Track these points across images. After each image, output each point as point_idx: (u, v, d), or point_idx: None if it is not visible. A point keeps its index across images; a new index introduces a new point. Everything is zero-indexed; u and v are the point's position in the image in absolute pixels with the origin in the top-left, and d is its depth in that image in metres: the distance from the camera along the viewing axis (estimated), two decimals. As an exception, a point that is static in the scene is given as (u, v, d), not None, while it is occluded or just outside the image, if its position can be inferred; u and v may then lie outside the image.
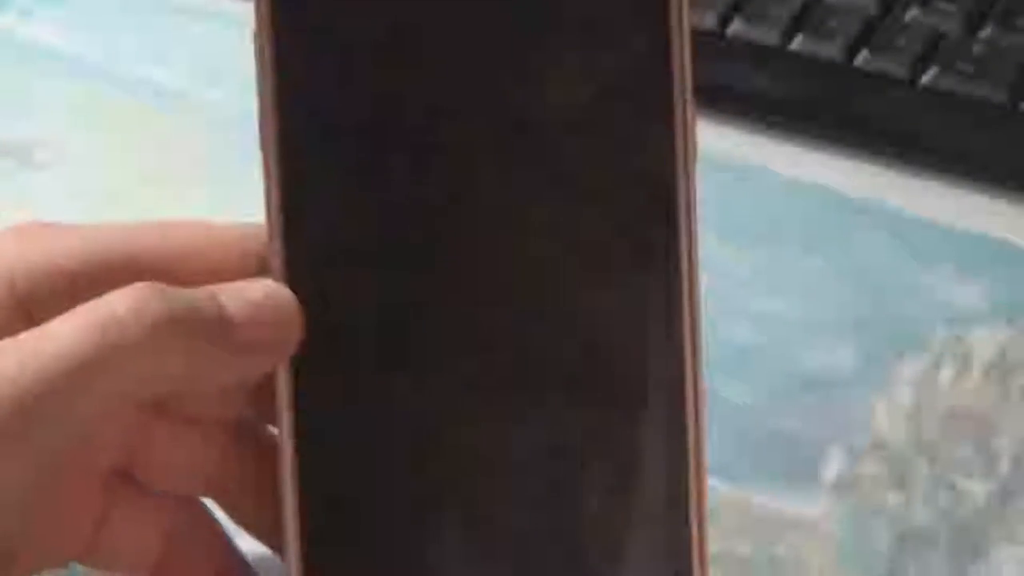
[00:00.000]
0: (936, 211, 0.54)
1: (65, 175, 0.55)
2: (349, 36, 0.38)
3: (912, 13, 0.57)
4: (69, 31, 0.61)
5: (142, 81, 0.56)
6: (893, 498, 0.47)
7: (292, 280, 0.38)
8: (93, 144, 0.56)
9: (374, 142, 0.38)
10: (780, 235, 0.54)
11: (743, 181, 0.55)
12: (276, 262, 0.38)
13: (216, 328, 0.38)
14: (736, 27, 0.57)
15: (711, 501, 0.39)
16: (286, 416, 0.38)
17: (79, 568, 0.43)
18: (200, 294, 0.38)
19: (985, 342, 0.51)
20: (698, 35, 0.38)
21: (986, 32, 0.56)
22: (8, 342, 0.36)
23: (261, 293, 0.39)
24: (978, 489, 0.47)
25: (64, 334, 0.36)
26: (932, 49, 0.56)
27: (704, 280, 0.38)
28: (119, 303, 0.37)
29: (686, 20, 0.38)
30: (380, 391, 0.39)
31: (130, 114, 0.58)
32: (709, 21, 0.57)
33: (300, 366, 0.38)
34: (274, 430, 0.41)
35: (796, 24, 0.57)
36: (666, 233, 0.38)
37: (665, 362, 0.38)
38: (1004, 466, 0.48)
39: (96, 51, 0.59)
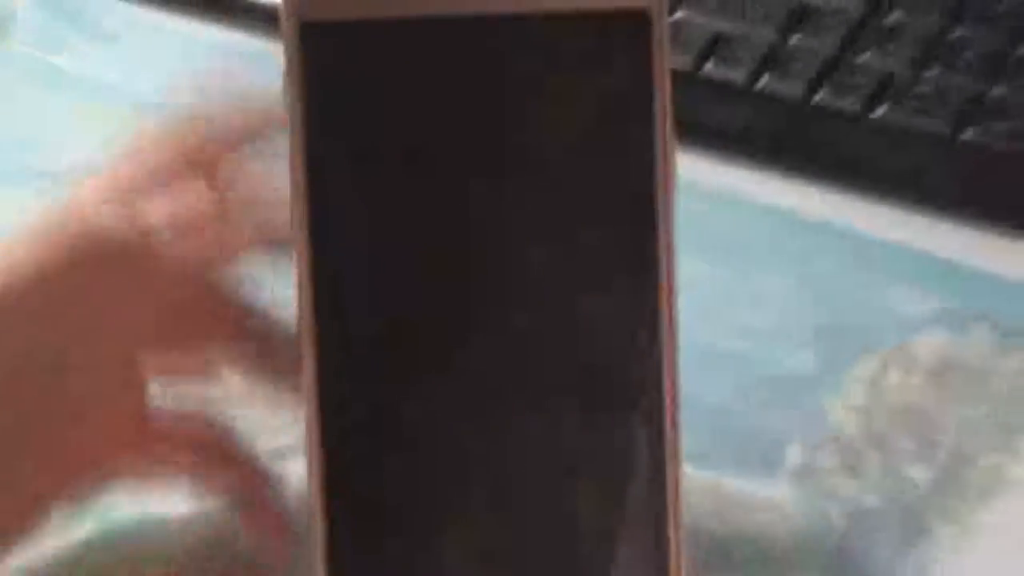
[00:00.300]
0: (887, 231, 0.55)
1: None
2: (369, 81, 0.39)
3: (865, 56, 0.58)
4: (124, 69, 0.60)
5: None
6: (846, 484, 0.48)
7: (318, 292, 0.38)
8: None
9: (390, 172, 0.39)
10: (748, 253, 0.55)
11: (716, 206, 0.55)
12: (302, 277, 0.38)
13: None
14: (709, 68, 0.58)
15: (687, 486, 0.39)
16: (313, 405, 0.39)
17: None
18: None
19: (928, 348, 0.52)
20: (675, 75, 0.38)
21: (930, 73, 0.57)
22: None
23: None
24: (921, 476, 0.49)
25: None
26: (883, 87, 0.57)
27: (683, 291, 0.39)
28: None
29: (667, 64, 0.38)
30: (395, 390, 0.39)
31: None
32: (684, 63, 0.57)
33: (325, 375, 0.39)
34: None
35: (762, 65, 0.58)
36: (649, 251, 0.38)
37: (646, 364, 0.39)
38: (943, 456, 0.49)
39: (147, 86, 0.58)
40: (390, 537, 0.39)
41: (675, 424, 0.38)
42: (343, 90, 0.38)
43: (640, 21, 0.38)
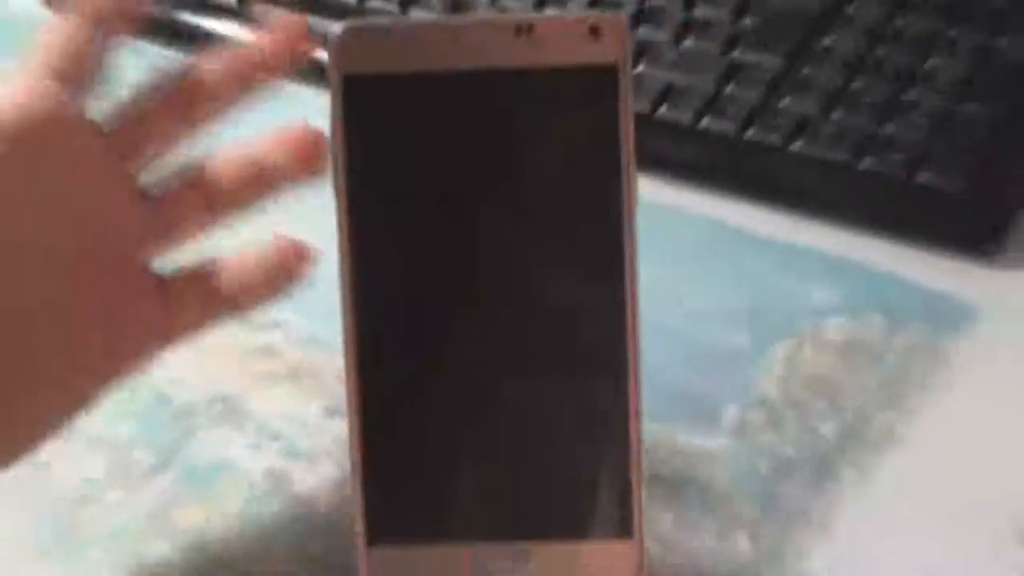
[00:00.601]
0: (805, 239, 0.58)
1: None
2: (399, 123, 0.41)
3: (784, 102, 0.61)
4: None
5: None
6: (770, 438, 0.51)
7: (357, 293, 0.41)
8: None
9: (415, 203, 0.42)
10: (695, 256, 0.58)
11: (669, 220, 0.58)
12: (346, 284, 0.41)
13: None
14: (663, 111, 0.61)
15: (646, 439, 0.42)
16: (353, 386, 0.42)
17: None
18: None
19: (836, 330, 0.55)
20: (636, 117, 0.41)
21: (836, 114, 0.60)
22: None
23: None
24: (830, 432, 0.51)
25: None
26: (799, 127, 0.60)
27: (643, 286, 0.42)
28: None
29: (630, 108, 0.41)
30: (418, 368, 0.42)
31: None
32: (643, 107, 0.60)
33: (363, 358, 0.41)
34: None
35: (704, 109, 0.61)
36: (617, 255, 0.41)
37: (614, 343, 0.41)
38: (848, 416, 0.52)
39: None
40: (415, 476, 0.42)
41: (637, 390, 0.41)
42: (378, 131, 0.41)
43: (610, 74, 0.41)
